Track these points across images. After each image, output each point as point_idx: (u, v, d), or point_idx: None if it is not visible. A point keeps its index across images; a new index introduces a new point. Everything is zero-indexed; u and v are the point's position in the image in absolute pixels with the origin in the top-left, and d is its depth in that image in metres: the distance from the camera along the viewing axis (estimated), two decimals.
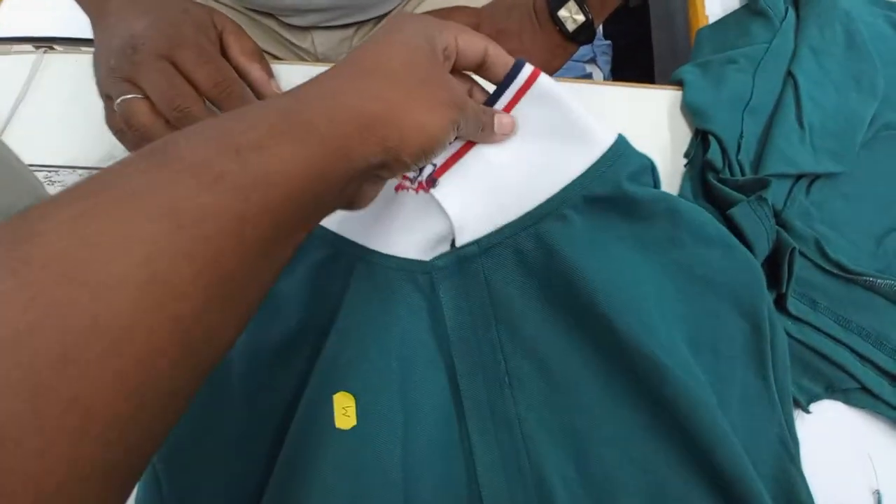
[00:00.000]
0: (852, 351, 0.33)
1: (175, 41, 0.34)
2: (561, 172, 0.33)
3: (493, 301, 0.33)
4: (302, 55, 0.57)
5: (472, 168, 0.34)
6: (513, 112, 0.34)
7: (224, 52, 0.37)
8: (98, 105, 0.38)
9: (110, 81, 0.35)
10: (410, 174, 0.35)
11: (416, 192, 0.35)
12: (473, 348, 0.32)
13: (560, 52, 0.52)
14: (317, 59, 0.56)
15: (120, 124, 0.36)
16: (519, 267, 0.33)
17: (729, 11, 0.47)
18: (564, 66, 0.57)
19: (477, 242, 0.33)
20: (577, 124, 0.33)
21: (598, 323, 0.30)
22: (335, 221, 0.36)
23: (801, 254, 0.34)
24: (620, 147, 0.33)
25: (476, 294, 0.33)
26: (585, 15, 0.48)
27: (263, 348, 0.32)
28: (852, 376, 0.32)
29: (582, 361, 0.31)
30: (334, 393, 0.31)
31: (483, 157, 0.34)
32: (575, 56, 0.66)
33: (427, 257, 0.35)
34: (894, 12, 0.46)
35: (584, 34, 0.50)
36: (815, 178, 0.38)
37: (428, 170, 0.35)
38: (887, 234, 0.37)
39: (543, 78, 0.33)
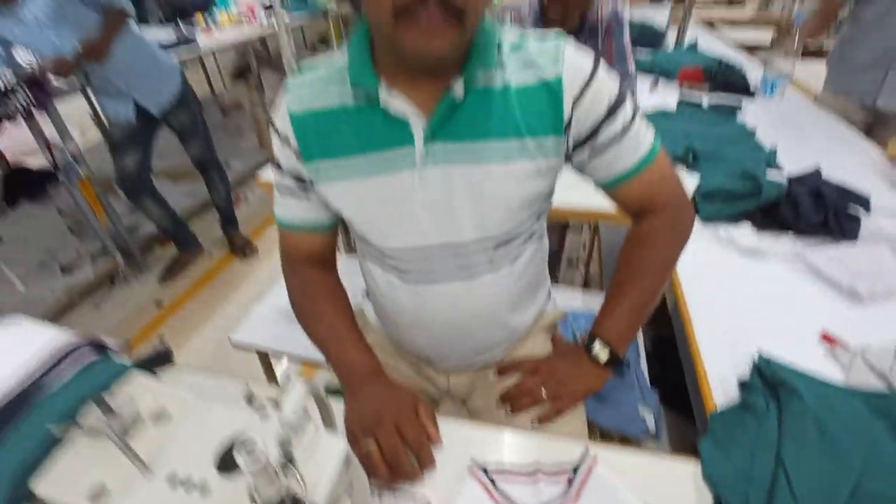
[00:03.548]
0: None
1: (401, 418, 0.63)
2: None
3: None
4: (437, 389, 0.90)
5: None
6: (583, 491, 0.56)
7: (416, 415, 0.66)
8: None
9: (359, 433, 0.63)
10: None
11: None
12: None
13: (601, 377, 0.77)
14: (448, 392, 0.89)
15: (362, 457, 0.62)
16: None
17: (730, 399, 0.70)
18: (624, 414, 0.81)
19: None
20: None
21: None
22: None
23: None
24: None
25: None
26: (609, 351, 0.75)
27: None
28: None
29: None
30: None
31: None
32: (629, 401, 0.91)
33: None
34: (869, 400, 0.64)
35: (613, 364, 0.76)
36: None
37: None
38: None
39: (601, 466, 0.57)
